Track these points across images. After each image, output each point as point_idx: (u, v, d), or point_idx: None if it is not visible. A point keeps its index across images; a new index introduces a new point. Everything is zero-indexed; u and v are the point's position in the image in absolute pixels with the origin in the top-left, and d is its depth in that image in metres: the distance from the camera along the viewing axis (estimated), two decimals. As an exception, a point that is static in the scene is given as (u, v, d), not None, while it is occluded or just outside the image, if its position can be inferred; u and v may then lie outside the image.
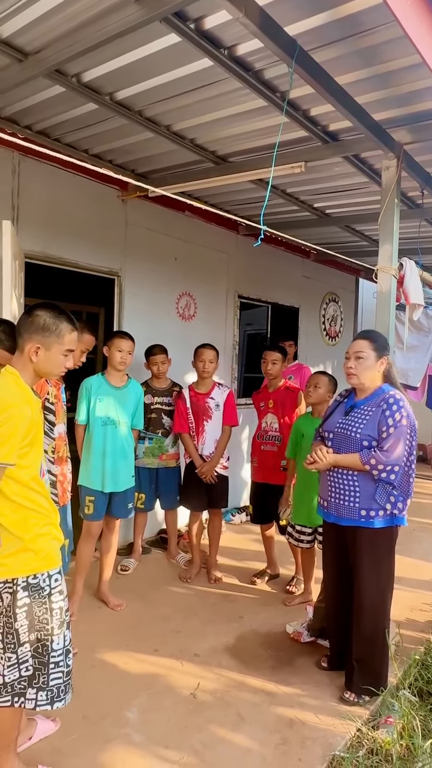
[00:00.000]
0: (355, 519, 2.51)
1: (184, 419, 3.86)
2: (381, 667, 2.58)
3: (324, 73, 2.43)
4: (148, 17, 2.06)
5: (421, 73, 2.45)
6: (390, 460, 2.40)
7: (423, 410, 6.08)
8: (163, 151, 3.66)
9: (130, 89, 2.85)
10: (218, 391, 3.88)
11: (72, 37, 2.31)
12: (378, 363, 2.55)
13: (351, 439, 2.52)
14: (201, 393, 3.87)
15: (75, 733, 2.29)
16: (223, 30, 2.29)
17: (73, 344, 1.92)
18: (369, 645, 2.56)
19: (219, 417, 3.85)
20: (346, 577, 2.64)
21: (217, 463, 3.82)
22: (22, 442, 1.75)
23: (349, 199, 4.47)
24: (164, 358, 4.05)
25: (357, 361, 2.55)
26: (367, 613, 2.55)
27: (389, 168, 3.12)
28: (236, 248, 5.55)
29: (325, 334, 7.27)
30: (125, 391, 3.41)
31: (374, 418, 2.48)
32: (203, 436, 3.84)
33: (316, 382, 3.34)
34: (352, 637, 2.60)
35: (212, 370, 3.84)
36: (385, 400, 2.49)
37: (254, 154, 3.59)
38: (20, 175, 3.63)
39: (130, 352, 3.37)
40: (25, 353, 1.85)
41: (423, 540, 4.85)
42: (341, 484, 2.56)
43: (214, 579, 3.87)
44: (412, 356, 4.20)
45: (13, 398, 1.74)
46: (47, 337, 1.84)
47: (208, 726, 2.38)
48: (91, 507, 3.26)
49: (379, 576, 2.54)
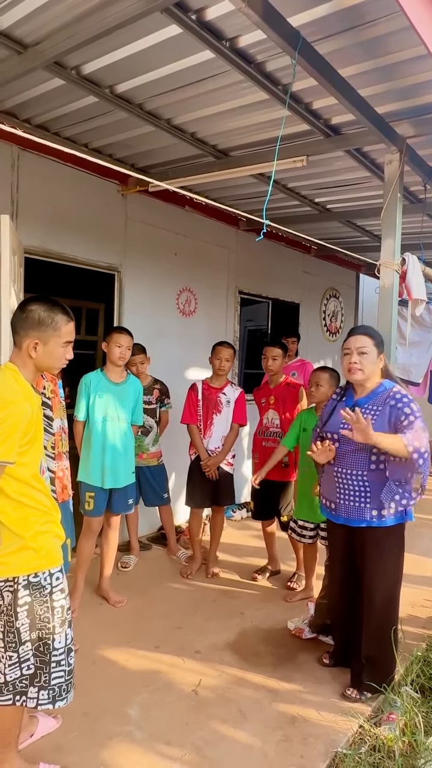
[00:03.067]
0: (367, 519, 2.48)
1: (193, 410, 3.86)
2: (391, 663, 2.57)
3: (327, 66, 2.40)
4: (149, 8, 2.02)
5: (425, 65, 2.42)
6: (423, 443, 2.31)
7: (425, 406, 6.07)
8: (163, 145, 3.63)
9: (131, 82, 2.82)
10: (231, 389, 3.90)
11: (71, 29, 2.27)
12: (378, 359, 2.54)
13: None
14: (214, 387, 3.87)
15: (76, 731, 2.28)
16: (224, 21, 2.26)
17: (71, 335, 1.91)
18: (379, 642, 2.55)
19: (228, 414, 3.85)
20: (353, 576, 2.63)
21: (222, 459, 3.82)
22: (23, 440, 1.74)
23: (350, 194, 4.44)
24: (143, 358, 4.01)
25: (361, 356, 2.51)
26: (377, 610, 2.54)
27: (392, 162, 3.09)
28: (237, 243, 5.52)
29: (325, 330, 7.25)
30: (124, 386, 3.39)
31: (384, 415, 2.44)
32: (211, 429, 3.83)
33: (317, 381, 3.30)
34: (362, 635, 2.58)
35: (228, 368, 3.86)
36: (391, 397, 2.46)
37: (256, 148, 3.55)
38: (19, 170, 3.60)
39: (129, 347, 3.35)
40: (23, 350, 1.83)
41: (424, 536, 4.85)
42: (351, 486, 2.51)
43: (211, 574, 3.87)
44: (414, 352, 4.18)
45: (14, 395, 1.72)
46: (44, 332, 1.82)
47: (209, 723, 2.38)
48: (92, 503, 3.25)
49: (389, 573, 2.53)
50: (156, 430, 4.10)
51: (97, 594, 3.47)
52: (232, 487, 3.93)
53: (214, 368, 3.86)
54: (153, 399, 4.07)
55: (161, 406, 4.14)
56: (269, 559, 4.02)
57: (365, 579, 2.55)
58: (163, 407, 4.16)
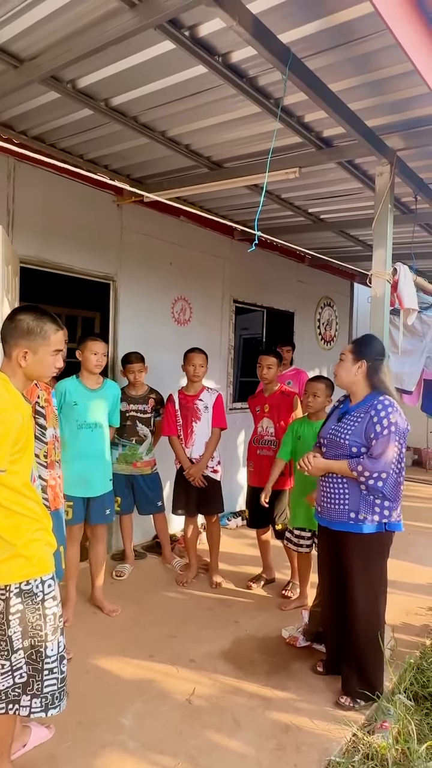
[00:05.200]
0: (345, 522, 2.53)
1: (172, 422, 3.87)
2: (376, 671, 2.58)
3: (317, 81, 2.45)
4: (143, 24, 2.07)
5: (413, 81, 2.47)
6: (377, 467, 2.41)
7: (419, 414, 6.11)
8: (158, 157, 3.67)
9: (126, 95, 2.86)
10: (207, 394, 3.91)
11: (67, 44, 2.32)
12: (355, 366, 2.59)
13: (341, 446, 2.55)
14: (190, 395, 3.89)
15: (70, 740, 2.27)
16: (217, 37, 2.31)
17: (61, 344, 1.93)
18: (363, 650, 2.57)
19: (208, 419, 3.86)
20: (340, 582, 2.65)
21: (204, 466, 3.82)
22: (13, 448, 1.75)
23: (343, 205, 4.50)
24: (141, 366, 4.02)
25: (339, 363, 2.67)
26: (360, 618, 2.56)
27: (383, 174, 3.14)
28: (231, 253, 5.57)
29: (320, 339, 7.29)
30: (101, 392, 3.36)
31: (362, 425, 2.51)
32: (192, 438, 3.84)
33: (313, 392, 3.33)
34: (348, 641, 2.61)
35: (202, 374, 3.86)
36: (373, 406, 2.50)
37: (249, 159, 3.61)
38: (15, 181, 3.64)
39: (105, 354, 3.33)
40: (13, 359, 1.84)
41: (418, 544, 4.85)
42: (332, 488, 2.59)
43: (215, 584, 3.87)
44: (406, 360, 4.22)
45: (4, 404, 1.74)
46: (33, 341, 1.84)
47: (203, 732, 2.37)
48: (70, 512, 3.20)
49: (370, 581, 2.55)
50: (150, 440, 4.11)
51: (90, 603, 3.46)
52: (219, 495, 3.93)
53: (188, 375, 3.87)
54: (149, 408, 4.09)
55: (156, 416, 4.16)
56: (264, 567, 4.02)
57: (347, 586, 2.59)
58: (158, 417, 4.17)
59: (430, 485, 7.28)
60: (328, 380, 3.39)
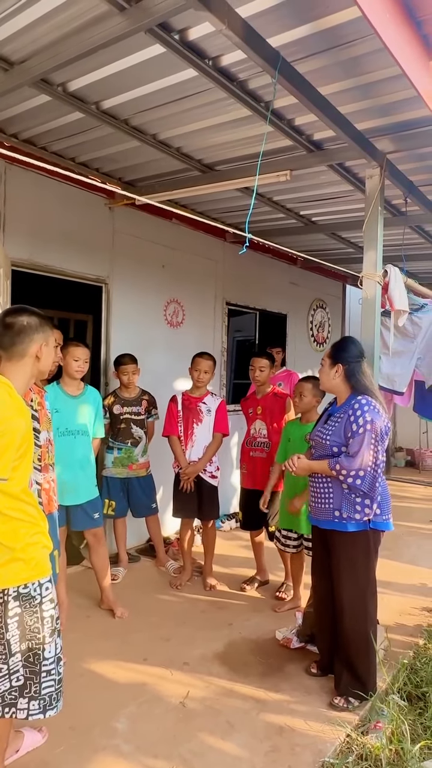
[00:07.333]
0: (330, 520, 2.58)
1: (174, 422, 3.87)
2: (367, 670, 2.58)
3: (307, 84, 2.46)
4: (133, 28, 2.08)
5: (401, 84, 2.49)
6: (354, 465, 2.45)
7: (412, 416, 6.13)
8: (149, 160, 3.68)
9: (116, 98, 2.87)
10: (211, 398, 3.93)
11: (57, 47, 2.32)
12: (332, 370, 2.64)
13: (324, 446, 2.62)
14: (194, 397, 3.90)
15: (63, 745, 2.26)
16: (207, 41, 2.32)
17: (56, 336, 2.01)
18: (353, 649, 2.58)
19: (209, 423, 3.86)
20: (330, 581, 2.67)
21: (202, 467, 3.82)
22: (15, 455, 1.75)
23: (335, 207, 4.52)
24: (134, 368, 4.00)
25: (320, 368, 2.74)
26: (347, 616, 2.58)
27: (373, 176, 3.16)
28: (224, 255, 5.58)
29: (312, 340, 7.32)
30: (82, 399, 3.32)
31: (341, 425, 2.56)
32: (192, 439, 3.84)
33: (300, 391, 3.36)
34: (338, 640, 2.63)
35: (207, 379, 3.87)
36: (351, 406, 2.55)
37: (240, 162, 3.62)
38: (7, 183, 3.63)
39: (86, 360, 3.28)
40: (28, 356, 1.90)
41: (411, 544, 4.87)
42: (318, 488, 2.65)
43: (209, 587, 3.87)
44: (398, 362, 4.23)
45: (9, 411, 1.74)
46: (45, 332, 1.97)
47: (197, 734, 2.37)
48: None
49: (356, 579, 2.57)
50: (145, 441, 4.11)
51: (100, 607, 3.47)
52: (216, 501, 3.94)
53: (194, 379, 3.89)
54: (142, 410, 4.09)
55: (149, 417, 4.16)
56: (258, 569, 4.02)
57: (335, 585, 2.62)
58: (150, 418, 4.17)
59: (423, 486, 7.31)
60: (316, 380, 3.40)
